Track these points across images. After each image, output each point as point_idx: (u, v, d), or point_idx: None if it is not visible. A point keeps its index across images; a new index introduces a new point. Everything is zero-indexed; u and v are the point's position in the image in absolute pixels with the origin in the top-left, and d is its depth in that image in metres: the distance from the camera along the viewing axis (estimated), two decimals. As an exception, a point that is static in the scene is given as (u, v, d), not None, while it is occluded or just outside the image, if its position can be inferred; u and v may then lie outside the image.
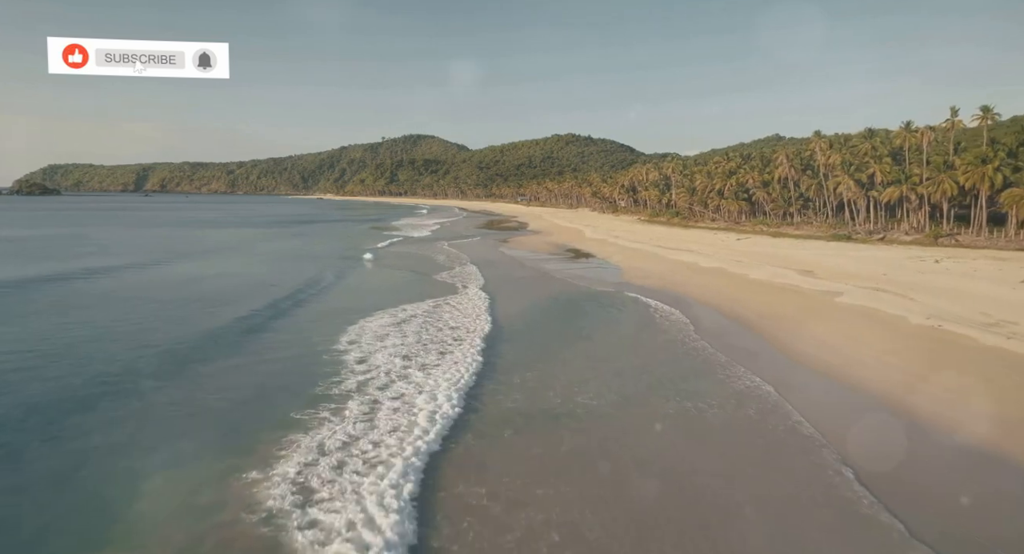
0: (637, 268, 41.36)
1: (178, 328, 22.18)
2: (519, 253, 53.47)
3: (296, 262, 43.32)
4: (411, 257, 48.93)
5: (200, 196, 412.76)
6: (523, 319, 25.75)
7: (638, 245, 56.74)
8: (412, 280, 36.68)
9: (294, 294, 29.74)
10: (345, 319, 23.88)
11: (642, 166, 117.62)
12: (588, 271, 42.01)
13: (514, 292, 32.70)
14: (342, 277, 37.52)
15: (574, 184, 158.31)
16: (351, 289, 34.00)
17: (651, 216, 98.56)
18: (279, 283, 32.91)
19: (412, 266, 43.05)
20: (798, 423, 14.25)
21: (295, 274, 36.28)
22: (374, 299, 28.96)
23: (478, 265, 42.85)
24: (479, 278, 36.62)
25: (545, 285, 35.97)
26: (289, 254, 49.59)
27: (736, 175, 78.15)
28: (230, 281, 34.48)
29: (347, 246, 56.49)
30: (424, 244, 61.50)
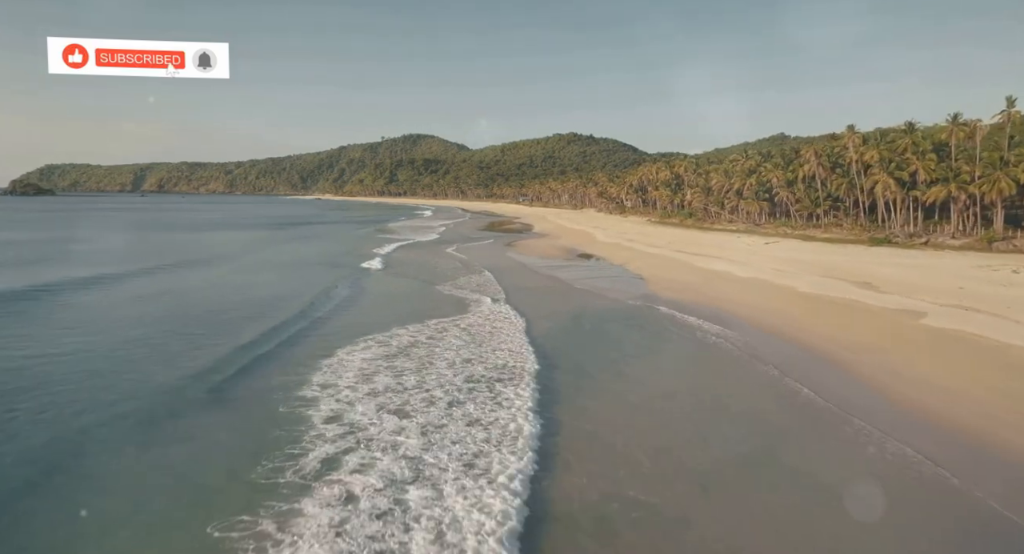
0: (664, 278, 36.65)
1: (130, 376, 17.37)
2: (529, 259, 48.77)
3: (291, 274, 37.82)
4: (419, 265, 43.99)
5: (197, 196, 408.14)
6: (555, 347, 20.98)
7: (656, 250, 52.05)
8: (425, 293, 31.97)
9: (286, 325, 23.32)
10: (345, 344, 19.31)
11: (652, 165, 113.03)
12: (609, 281, 37.34)
13: (534, 308, 27.92)
14: (345, 294, 31.00)
15: (579, 184, 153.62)
16: (357, 308, 28.21)
17: (662, 217, 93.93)
18: (270, 307, 26.72)
19: (423, 275, 38.40)
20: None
21: (290, 292, 30.74)
22: (387, 316, 24.81)
23: (493, 273, 38.37)
24: (496, 290, 32.02)
25: (566, 298, 31.35)
26: (283, 264, 43.49)
27: (756, 173, 73.45)
28: (213, 304, 28.15)
29: (347, 252, 51.46)
30: (430, 249, 56.80)
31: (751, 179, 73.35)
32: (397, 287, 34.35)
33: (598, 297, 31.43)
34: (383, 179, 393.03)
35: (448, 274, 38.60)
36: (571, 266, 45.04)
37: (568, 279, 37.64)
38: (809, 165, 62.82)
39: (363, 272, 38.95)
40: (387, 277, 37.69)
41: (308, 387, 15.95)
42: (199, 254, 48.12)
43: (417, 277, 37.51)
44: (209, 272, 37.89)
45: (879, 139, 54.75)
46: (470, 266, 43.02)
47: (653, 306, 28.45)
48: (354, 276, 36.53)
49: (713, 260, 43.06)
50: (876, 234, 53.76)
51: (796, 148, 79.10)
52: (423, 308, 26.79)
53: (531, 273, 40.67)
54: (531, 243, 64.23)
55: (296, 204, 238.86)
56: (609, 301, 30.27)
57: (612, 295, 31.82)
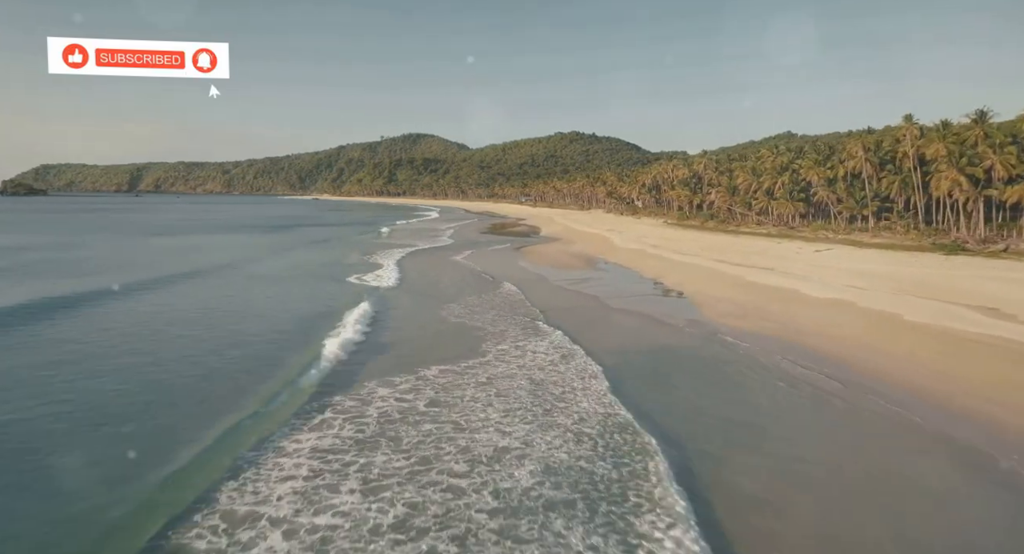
0: (715, 298, 29.85)
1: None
2: (546, 270, 41.96)
3: (286, 298, 30.26)
4: (432, 279, 37.07)
5: (193, 197, 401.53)
6: (646, 406, 14.21)
7: (690, 258, 45.22)
8: (450, 318, 25.20)
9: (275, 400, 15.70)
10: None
11: (667, 162, 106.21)
12: (650, 301, 30.56)
13: (586, 341, 21.11)
14: (353, 336, 22.08)
15: (586, 183, 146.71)
16: (376, 351, 20.51)
17: (680, 219, 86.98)
18: (259, 364, 18.98)
19: (440, 291, 31.94)
20: None
21: (284, 330, 23.19)
22: (416, 355, 18.76)
23: (516, 287, 31.72)
24: (530, 311, 25.22)
25: (611, 325, 25.13)
26: (277, 279, 35.92)
27: (789, 171, 66.55)
28: (183, 350, 20.12)
29: (351, 263, 43.76)
30: (439, 257, 49.95)
31: (783, 177, 66.45)
32: (417, 311, 27.25)
33: (648, 324, 24.98)
34: (382, 179, 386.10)
35: (466, 289, 32.49)
36: (597, 279, 38.20)
37: (601, 296, 30.93)
38: (855, 161, 55.94)
39: (371, 291, 31.49)
40: (401, 297, 30.59)
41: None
42: (177, 267, 39.14)
43: (434, 295, 30.94)
44: (183, 296, 29.64)
45: (942, 131, 47.92)
46: (487, 278, 36.79)
47: (723, 338, 21.99)
48: (362, 297, 29.01)
49: (765, 273, 36.24)
50: (939, 239, 46.94)
51: (830, 144, 72.29)
52: (456, 344, 20.75)
53: (555, 289, 33.93)
54: (543, 250, 57.37)
55: (293, 205, 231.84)
56: (664, 331, 23.74)
57: (665, 321, 25.40)
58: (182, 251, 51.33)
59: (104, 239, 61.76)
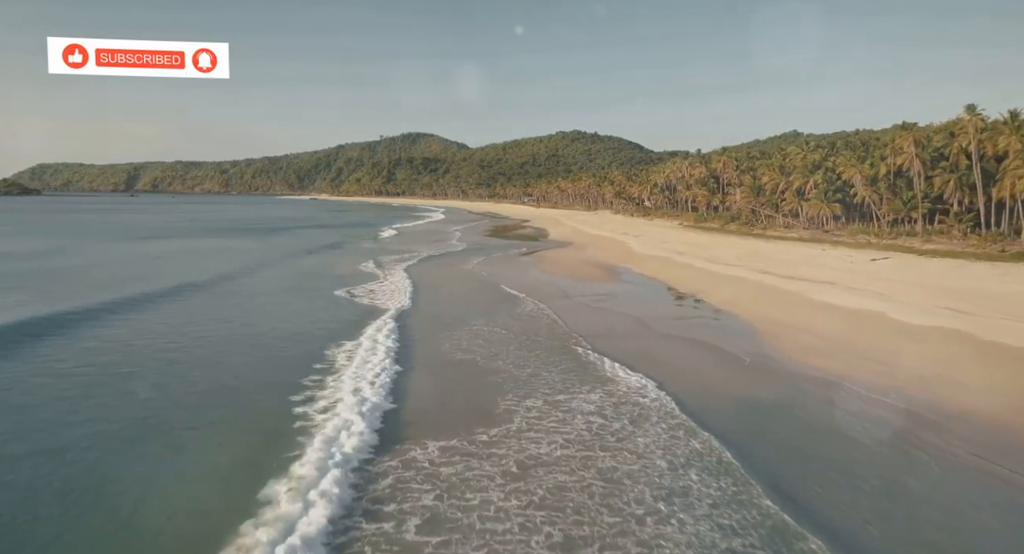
0: (779, 323, 24.12)
1: None
2: (565, 281, 36.21)
3: (274, 334, 22.97)
4: (449, 294, 31.40)
5: (190, 196, 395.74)
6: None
7: (725, 268, 39.43)
8: (480, 350, 19.40)
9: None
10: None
11: (682, 161, 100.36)
12: (699, 325, 24.74)
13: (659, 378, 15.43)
14: (374, 396, 19.33)
15: (592, 183, 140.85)
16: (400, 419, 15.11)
17: (697, 221, 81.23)
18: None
19: (460, 310, 26.18)
20: None
21: (257, 381, 17.73)
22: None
23: (536, 301, 25.82)
24: (566, 335, 19.48)
25: (661, 355, 19.49)
26: (258, 306, 28.36)
27: (822, 169, 60.74)
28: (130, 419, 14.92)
29: (352, 275, 37.91)
30: (451, 266, 44.17)
31: (816, 176, 60.64)
32: (435, 342, 21.46)
33: (718, 361, 19.66)
34: (381, 178, 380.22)
35: (487, 307, 27.47)
36: (626, 295, 32.41)
37: (642, 318, 25.31)
38: (903, 157, 50.13)
39: (378, 314, 25.53)
40: (417, 322, 24.80)
41: None
42: (151, 284, 31.57)
43: (451, 317, 25.38)
44: (143, 330, 22.90)
45: (1012, 123, 42.16)
46: (508, 293, 31.42)
47: (828, 389, 16.16)
48: (372, 328, 22.83)
49: (827, 289, 30.43)
50: (1008, 246, 41.26)
51: (865, 140, 66.50)
52: (500, 395, 15.51)
53: (583, 306, 28.29)
54: (556, 256, 51.52)
55: (291, 205, 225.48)
56: (742, 372, 18.30)
57: (733, 352, 20.09)
58: (164, 261, 44.57)
59: (82, 245, 54.93)
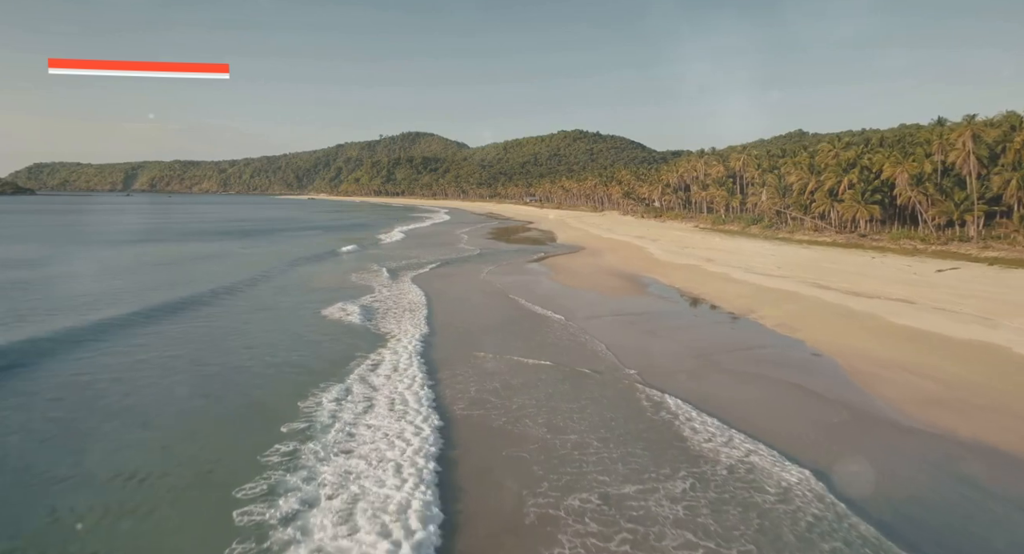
0: (866, 356, 19.30)
1: None
2: (584, 293, 31.29)
3: (242, 377, 17.76)
4: (470, 317, 26.32)
5: (186, 196, 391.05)
6: None
7: (768, 279, 34.51)
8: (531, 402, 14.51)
9: None
10: None
11: (697, 159, 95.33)
12: (767, 358, 19.81)
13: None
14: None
15: (598, 183, 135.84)
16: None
17: (715, 223, 76.33)
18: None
19: (490, 340, 21.55)
20: None
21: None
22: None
23: (571, 323, 20.74)
24: (624, 373, 14.68)
25: (746, 404, 14.51)
26: (232, 344, 21.57)
27: (858, 167, 55.77)
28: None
29: (348, 298, 33.83)
30: (466, 278, 39.28)
31: (851, 175, 55.66)
32: (465, 384, 16.61)
33: (823, 415, 14.56)
34: (380, 178, 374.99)
35: (514, 327, 23.50)
36: (661, 312, 27.46)
37: (698, 346, 20.33)
38: (957, 153, 45.20)
39: (389, 346, 20.80)
40: (437, 346, 20.11)
41: None
42: (112, 309, 25.92)
43: (481, 345, 20.97)
44: (83, 375, 17.97)
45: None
46: (534, 312, 26.88)
47: (973, 445, 11.44)
48: (388, 367, 18.33)
49: (902, 307, 25.52)
50: (1086, 254, 36.35)
51: (905, 136, 61.52)
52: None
53: (621, 327, 23.27)
54: (570, 263, 46.57)
55: (288, 205, 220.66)
56: (861, 435, 13.20)
57: (834, 400, 15.31)
58: (142, 272, 39.22)
59: (60, 253, 49.97)
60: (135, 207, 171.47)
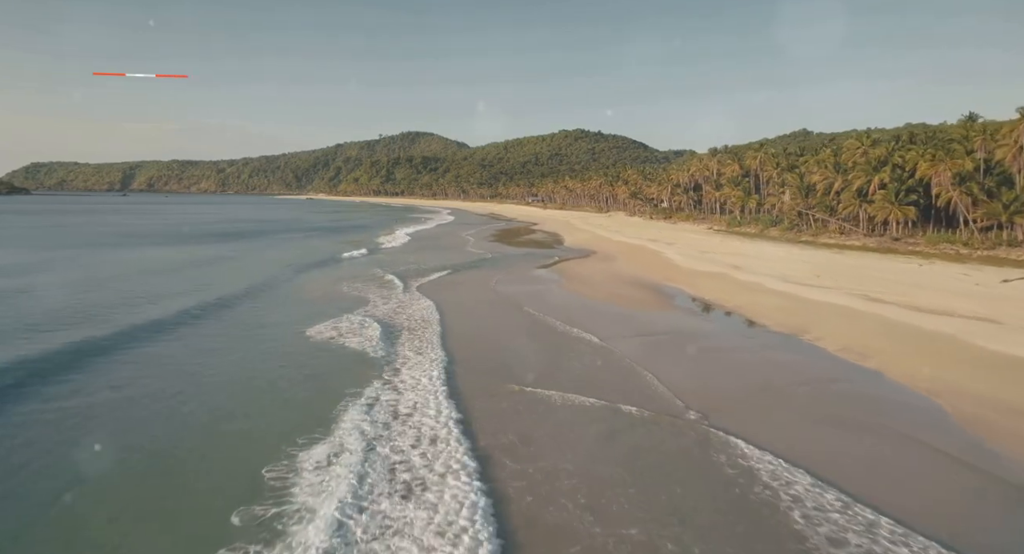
0: (969, 395, 15.58)
1: None
2: (606, 307, 27.52)
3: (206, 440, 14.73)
4: (492, 338, 22.54)
5: (183, 196, 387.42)
6: None
7: (812, 291, 30.83)
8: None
9: None
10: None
11: (710, 158, 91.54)
12: (847, 396, 16.05)
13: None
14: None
15: (603, 182, 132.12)
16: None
17: (730, 225, 72.61)
18: None
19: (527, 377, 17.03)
20: None
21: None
22: None
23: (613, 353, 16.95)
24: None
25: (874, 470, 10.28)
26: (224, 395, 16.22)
27: (889, 165, 52.06)
28: None
29: (359, 300, 30.19)
30: (477, 288, 35.52)
31: (882, 174, 51.98)
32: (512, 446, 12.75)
33: (926, 467, 10.37)
34: (379, 178, 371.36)
35: (538, 347, 19.56)
36: (705, 333, 23.64)
37: (760, 377, 16.54)
38: (1007, 149, 41.50)
39: (407, 380, 17.27)
40: (469, 390, 16.06)
41: None
42: (80, 330, 22.18)
43: (506, 375, 16.16)
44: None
45: None
46: (551, 325, 23.30)
47: None
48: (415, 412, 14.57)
49: (988, 328, 21.79)
50: None
51: (935, 133, 57.77)
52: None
53: (659, 349, 19.45)
54: (583, 270, 42.82)
55: (287, 205, 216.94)
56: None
57: (960, 459, 11.05)
58: (106, 286, 34.62)
59: (22, 258, 46.21)
60: (128, 207, 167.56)
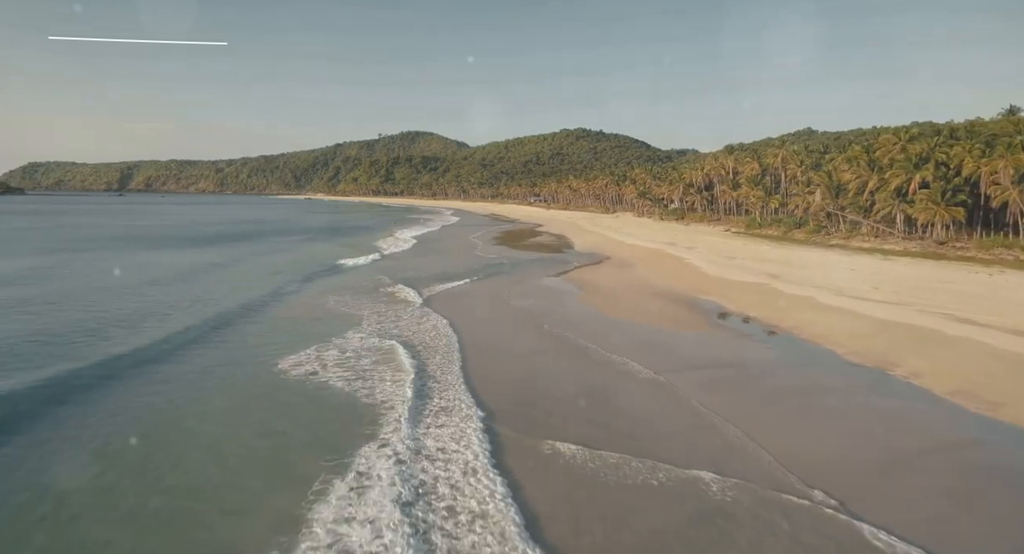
0: None
1: None
2: (638, 327, 23.06)
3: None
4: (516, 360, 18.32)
5: (180, 196, 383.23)
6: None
7: (883, 308, 26.37)
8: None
9: None
10: None
11: (726, 155, 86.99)
12: (976, 464, 11.65)
13: None
14: None
15: (609, 182, 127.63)
16: None
17: (750, 227, 68.12)
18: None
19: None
20: None
21: None
22: None
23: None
24: None
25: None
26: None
27: (932, 162, 47.54)
28: None
29: (365, 319, 25.70)
30: (492, 300, 31.07)
31: (923, 172, 47.52)
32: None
33: None
34: (378, 177, 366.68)
35: (609, 403, 14.47)
36: (766, 365, 19.08)
37: (869, 438, 11.96)
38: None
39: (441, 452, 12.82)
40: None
41: None
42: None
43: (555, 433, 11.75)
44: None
45: None
46: (594, 354, 18.76)
47: None
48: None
49: None
50: None
51: (972, 127, 53.22)
52: None
53: (734, 390, 14.91)
54: (599, 278, 38.33)
55: (283, 205, 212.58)
56: None
57: None
58: (63, 308, 29.60)
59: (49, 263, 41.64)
60: (121, 208, 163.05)
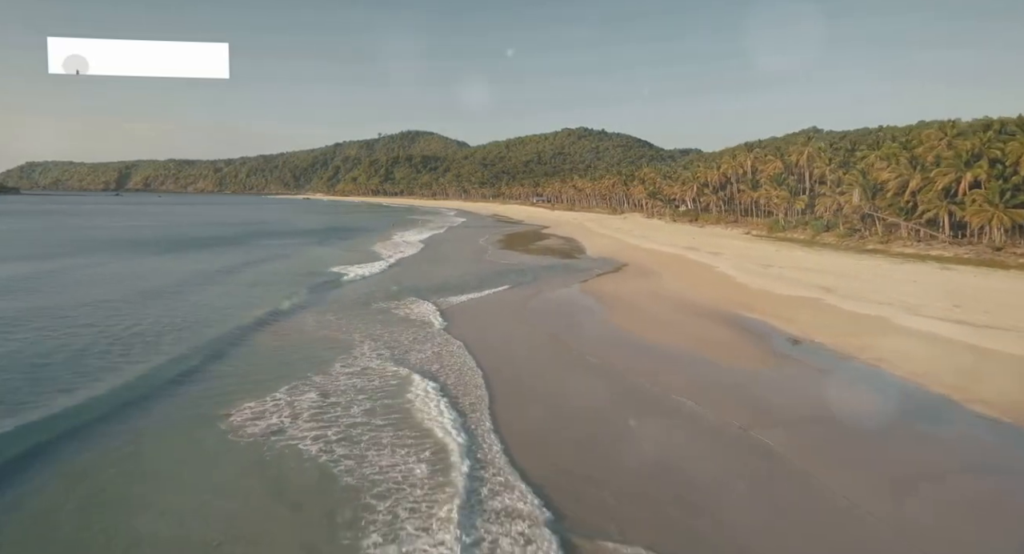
0: None
1: None
2: (690, 356, 18.64)
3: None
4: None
5: (177, 196, 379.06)
6: None
7: (958, 327, 21.87)
8: None
9: None
10: None
11: (745, 153, 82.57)
12: None
13: None
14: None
15: (617, 181, 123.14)
16: None
17: (772, 230, 63.60)
18: None
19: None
20: None
21: None
22: None
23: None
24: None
25: None
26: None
27: (983, 159, 43.01)
28: None
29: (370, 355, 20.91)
30: (509, 313, 26.64)
31: (975, 170, 43.01)
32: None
33: None
34: (378, 177, 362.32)
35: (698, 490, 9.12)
36: (887, 425, 14.48)
37: None
38: None
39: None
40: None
41: None
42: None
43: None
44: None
45: None
46: (648, 392, 13.13)
47: None
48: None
49: None
50: None
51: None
52: None
53: (862, 466, 10.32)
54: (623, 290, 33.77)
55: (282, 205, 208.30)
56: None
57: None
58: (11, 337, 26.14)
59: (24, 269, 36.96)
60: (114, 208, 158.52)
